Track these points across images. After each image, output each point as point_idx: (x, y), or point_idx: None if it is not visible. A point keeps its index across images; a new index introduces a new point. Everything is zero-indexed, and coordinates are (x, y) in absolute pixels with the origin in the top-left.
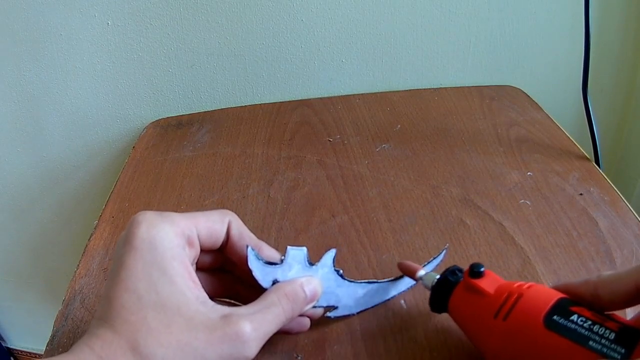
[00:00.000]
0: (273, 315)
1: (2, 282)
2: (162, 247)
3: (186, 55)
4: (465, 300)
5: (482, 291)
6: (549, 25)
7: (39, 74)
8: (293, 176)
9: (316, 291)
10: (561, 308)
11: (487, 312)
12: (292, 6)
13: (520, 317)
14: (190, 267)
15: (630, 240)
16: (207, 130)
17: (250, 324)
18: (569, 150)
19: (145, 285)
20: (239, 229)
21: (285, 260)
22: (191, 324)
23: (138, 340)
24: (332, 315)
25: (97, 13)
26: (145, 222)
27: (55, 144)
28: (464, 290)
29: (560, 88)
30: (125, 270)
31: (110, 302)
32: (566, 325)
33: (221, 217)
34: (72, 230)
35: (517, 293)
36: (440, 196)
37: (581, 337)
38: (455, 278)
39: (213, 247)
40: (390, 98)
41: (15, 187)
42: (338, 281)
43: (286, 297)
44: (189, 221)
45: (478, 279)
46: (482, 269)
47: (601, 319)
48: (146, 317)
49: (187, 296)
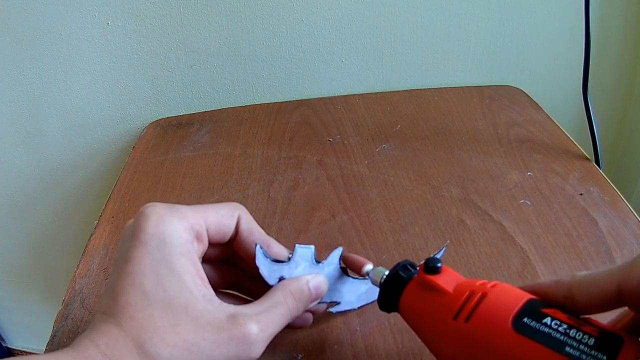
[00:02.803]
0: (279, 314)
1: (2, 282)
2: (171, 243)
3: (186, 55)
4: (419, 299)
5: (439, 289)
6: (549, 25)
7: (39, 74)
8: (293, 176)
9: (322, 289)
10: (532, 310)
11: (444, 312)
12: (292, 6)
13: (484, 319)
14: (198, 264)
15: (630, 240)
16: (207, 130)
17: (257, 325)
18: (569, 150)
19: (152, 282)
20: (248, 224)
21: (292, 258)
22: (198, 324)
23: (144, 339)
24: (334, 311)
25: (97, 13)
26: (154, 215)
27: (55, 144)
28: (417, 287)
29: (560, 88)
30: (132, 264)
31: (116, 296)
32: (539, 328)
33: (231, 211)
34: (72, 230)
35: (481, 292)
36: (440, 196)
37: (556, 342)
38: (408, 274)
39: (221, 241)
40: (390, 98)
41: (15, 187)
42: (343, 278)
43: (292, 295)
44: (198, 215)
45: (434, 275)
46: (440, 264)
47: (577, 322)
48: (153, 315)
49: (194, 295)
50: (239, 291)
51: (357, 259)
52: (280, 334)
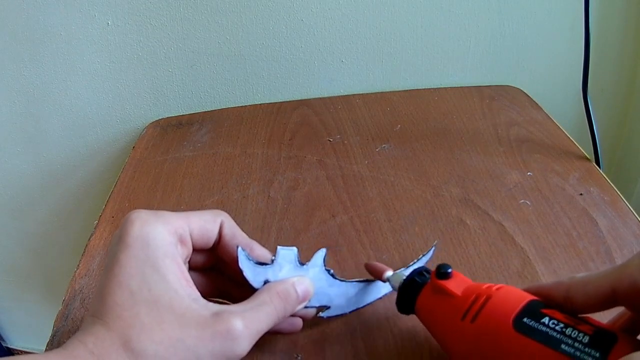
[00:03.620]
0: (265, 313)
1: (2, 282)
2: (155, 245)
3: (186, 55)
4: (432, 302)
5: (449, 292)
6: (549, 25)
7: (39, 74)
8: (293, 176)
9: (308, 291)
10: (532, 310)
11: (454, 313)
12: (292, 6)
13: (488, 319)
14: (182, 265)
15: (630, 240)
16: (207, 130)
17: (242, 321)
18: (569, 150)
19: (138, 282)
20: (231, 229)
21: (275, 261)
22: (183, 320)
23: (130, 337)
24: (324, 315)
25: (97, 13)
26: (138, 220)
27: (55, 144)
28: (431, 291)
29: (560, 88)
30: (118, 267)
31: (104, 298)
32: (537, 327)
33: (214, 217)
34: (72, 230)
35: (486, 295)
36: (440, 196)
37: (553, 340)
38: (423, 279)
39: (205, 246)
40: (390, 98)
41: (15, 187)
42: (329, 281)
43: (278, 296)
44: (181, 220)
45: (445, 280)
46: (450, 269)
47: (574, 321)
48: (139, 314)
49: (179, 293)
50: (226, 299)
51: (378, 266)
52: (280, 335)
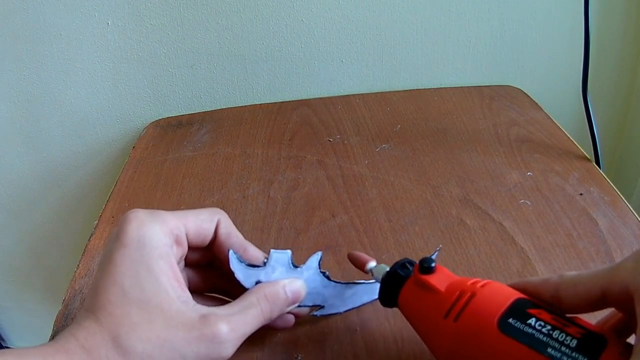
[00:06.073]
0: (251, 316)
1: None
2: (150, 245)
3: (186, 55)
4: (415, 297)
5: (432, 288)
6: (549, 25)
7: (39, 74)
8: (293, 176)
9: (299, 292)
10: (518, 310)
11: (437, 311)
12: (292, 6)
13: (472, 319)
14: (175, 267)
15: (630, 240)
16: (207, 130)
17: (227, 325)
18: (569, 150)
19: (131, 282)
20: (227, 229)
21: (268, 263)
22: (171, 322)
23: (120, 334)
24: (317, 314)
25: (97, 13)
26: (136, 220)
27: (55, 144)
28: (414, 285)
29: (560, 88)
30: (113, 265)
31: (97, 294)
32: (523, 329)
33: (210, 216)
34: (72, 230)
35: (470, 292)
36: (440, 196)
37: (539, 343)
38: (406, 272)
39: (201, 245)
40: (390, 98)
41: (15, 187)
42: (324, 282)
43: (266, 298)
44: (178, 220)
45: (428, 275)
46: (433, 264)
47: (562, 323)
48: (130, 312)
49: (170, 295)
50: (221, 294)
51: (361, 256)
52: (281, 334)
